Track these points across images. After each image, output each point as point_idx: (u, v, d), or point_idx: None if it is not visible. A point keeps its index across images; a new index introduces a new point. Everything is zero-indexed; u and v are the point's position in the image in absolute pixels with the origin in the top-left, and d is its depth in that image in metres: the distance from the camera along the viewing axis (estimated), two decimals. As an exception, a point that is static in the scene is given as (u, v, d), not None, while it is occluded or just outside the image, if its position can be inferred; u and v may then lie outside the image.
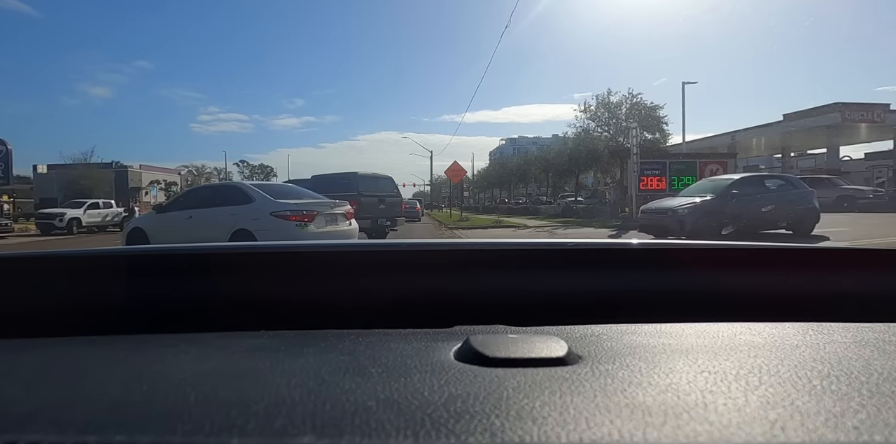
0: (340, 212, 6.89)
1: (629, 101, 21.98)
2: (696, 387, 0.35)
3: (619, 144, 21.63)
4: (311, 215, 6.28)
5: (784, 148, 28.57)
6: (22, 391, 0.36)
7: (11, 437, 0.27)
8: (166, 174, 47.31)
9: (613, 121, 22.20)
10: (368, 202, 10.58)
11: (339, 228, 6.71)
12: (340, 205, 6.97)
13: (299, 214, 6.17)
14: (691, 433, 0.28)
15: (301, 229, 6.05)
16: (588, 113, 22.70)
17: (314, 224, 6.23)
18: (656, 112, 21.60)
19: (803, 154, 32.48)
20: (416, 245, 0.71)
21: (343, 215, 6.95)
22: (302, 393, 0.33)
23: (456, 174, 20.90)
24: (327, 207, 6.65)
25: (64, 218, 17.50)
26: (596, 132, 23.05)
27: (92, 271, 0.62)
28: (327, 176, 11.96)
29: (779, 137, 24.98)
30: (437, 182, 50.38)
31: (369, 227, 10.19)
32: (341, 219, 6.88)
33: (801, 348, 0.45)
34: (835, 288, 0.64)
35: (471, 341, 0.43)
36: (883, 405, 0.32)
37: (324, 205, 6.65)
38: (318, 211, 6.41)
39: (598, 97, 22.34)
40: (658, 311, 0.59)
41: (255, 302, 0.59)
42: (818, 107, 22.98)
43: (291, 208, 6.20)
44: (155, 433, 0.28)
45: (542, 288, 0.62)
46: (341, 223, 6.83)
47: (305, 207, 6.34)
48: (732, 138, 27.69)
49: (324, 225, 6.42)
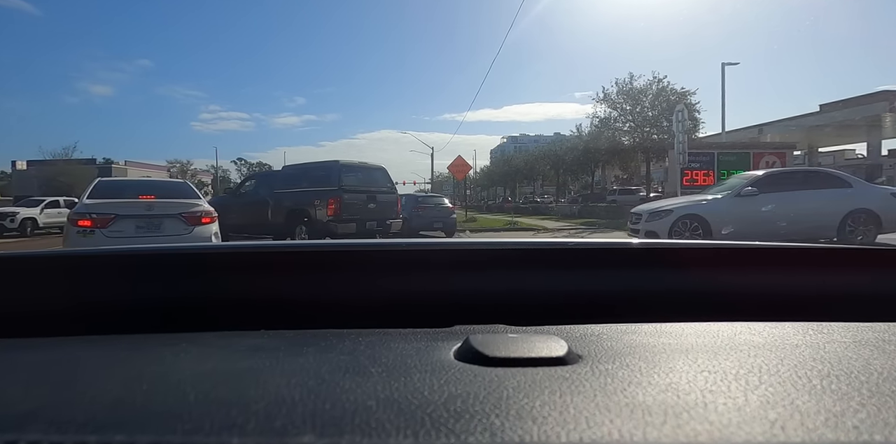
0: (171, 213, 5.36)
1: (655, 85, 19.49)
2: (695, 387, 0.35)
3: (646, 136, 19.29)
4: (105, 220, 4.99)
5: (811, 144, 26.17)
6: (22, 391, 0.36)
7: (11, 437, 0.27)
8: (153, 171, 46.98)
9: (637, 110, 19.74)
10: (352, 200, 8.17)
11: (161, 235, 5.24)
12: (171, 206, 5.43)
13: (86, 218, 4.99)
14: (691, 433, 0.28)
15: (83, 237, 4.91)
16: (607, 101, 20.31)
17: (108, 231, 4.99)
18: (687, 98, 18.65)
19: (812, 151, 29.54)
20: (416, 244, 0.69)
21: (177, 219, 5.37)
22: (302, 393, 0.34)
23: (460, 170, 18.72)
24: (138, 208, 5.21)
25: (16, 218, 15.83)
26: (617, 123, 20.59)
27: (92, 270, 0.61)
28: (301, 166, 9.42)
29: (807, 130, 22.51)
30: (438, 180, 48.40)
31: (354, 232, 7.78)
32: (171, 224, 5.33)
33: (801, 348, 0.45)
34: (835, 288, 0.63)
35: (471, 341, 0.43)
36: (883, 405, 0.32)
37: (131, 206, 5.22)
38: (114, 214, 5.07)
39: (619, 83, 19.93)
40: (658, 310, 0.59)
41: (255, 302, 0.59)
42: (862, 95, 20.66)
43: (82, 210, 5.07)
44: (155, 433, 0.28)
45: (542, 288, 0.62)
46: (170, 229, 5.31)
47: (98, 209, 5.07)
48: (760, 131, 25.28)
49: (132, 233, 5.10)
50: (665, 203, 7.98)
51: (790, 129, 23.43)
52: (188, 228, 5.35)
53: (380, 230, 8.42)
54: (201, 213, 5.51)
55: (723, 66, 18.12)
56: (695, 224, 7.10)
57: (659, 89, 19.32)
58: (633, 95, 19.69)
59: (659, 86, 19.36)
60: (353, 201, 8.13)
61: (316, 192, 8.19)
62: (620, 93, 20.00)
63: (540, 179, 38.54)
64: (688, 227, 7.12)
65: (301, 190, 8.47)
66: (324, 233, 7.76)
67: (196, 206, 5.53)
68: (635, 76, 19.77)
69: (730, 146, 15.14)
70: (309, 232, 8.00)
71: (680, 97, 18.89)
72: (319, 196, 8.07)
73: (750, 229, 6.53)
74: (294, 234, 8.12)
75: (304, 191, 8.41)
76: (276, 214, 8.69)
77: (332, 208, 7.88)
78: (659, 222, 7.29)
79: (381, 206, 8.64)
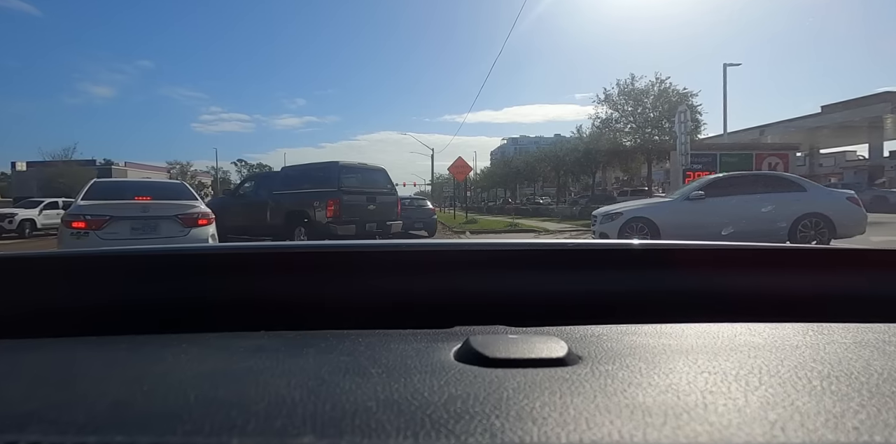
0: (167, 215, 5.21)
1: (657, 86, 19.41)
2: (696, 388, 0.35)
3: (647, 137, 19.16)
4: (99, 222, 4.88)
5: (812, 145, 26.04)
6: (22, 391, 0.36)
7: (11, 437, 0.27)
8: (153, 172, 47.03)
9: (639, 111, 19.62)
10: (352, 201, 8.08)
11: (157, 237, 5.11)
12: (167, 208, 5.27)
13: (80, 219, 4.88)
14: (691, 434, 0.28)
15: (77, 239, 4.79)
16: (608, 102, 20.20)
17: (102, 233, 4.89)
18: (688, 100, 18.65)
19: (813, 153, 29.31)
20: (417, 245, 0.69)
21: (173, 221, 5.22)
22: (302, 393, 0.34)
23: (461, 171, 18.70)
24: (133, 210, 5.09)
25: (14, 219, 15.69)
26: (619, 124, 20.45)
27: (92, 271, 0.61)
28: (300, 167, 9.33)
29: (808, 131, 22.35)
30: (439, 181, 48.32)
31: (353, 233, 7.69)
32: (167, 226, 5.19)
33: (801, 349, 0.45)
34: (835, 288, 0.63)
35: (471, 342, 0.43)
36: (883, 406, 0.32)
37: (126, 207, 5.08)
38: (109, 216, 4.94)
39: (621, 83, 19.83)
40: (658, 311, 0.59)
41: (255, 303, 0.59)
42: (863, 97, 20.56)
43: (76, 212, 4.94)
44: (155, 433, 0.28)
45: (541, 288, 0.62)
46: (166, 231, 5.16)
47: (93, 210, 4.96)
48: (761, 133, 25.16)
49: (127, 235, 4.99)
50: (618, 206, 8.05)
51: (791, 130, 23.33)
52: (184, 229, 5.20)
53: (379, 232, 8.32)
54: (198, 214, 5.35)
55: (724, 66, 17.99)
56: (642, 226, 7.12)
57: (661, 90, 19.20)
58: (635, 95, 19.59)
59: (661, 87, 19.25)
60: (353, 203, 8.04)
61: (315, 193, 8.09)
62: (622, 94, 19.89)
63: (540, 180, 38.40)
64: (635, 229, 7.14)
65: (300, 191, 8.36)
66: (323, 235, 7.65)
67: (192, 207, 5.38)
68: (637, 77, 19.68)
69: (732, 148, 15.04)
70: (308, 234, 7.88)
71: (682, 98, 18.90)
72: (319, 197, 7.97)
73: (694, 233, 6.47)
74: (293, 235, 7.99)
75: (303, 192, 8.30)
76: (274, 215, 8.60)
77: (332, 210, 7.79)
78: (610, 224, 7.35)
79: (381, 207, 8.55)
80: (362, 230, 8.01)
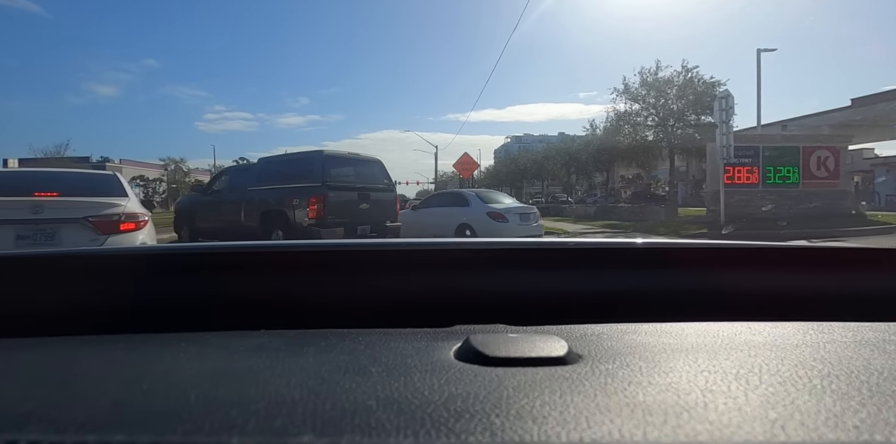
0: (72, 217, 3.72)
1: (682, 76, 17.44)
2: (696, 386, 0.35)
3: (671, 130, 17.63)
4: None
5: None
6: (21, 390, 0.36)
7: (11, 437, 0.27)
8: (149, 169, 46.07)
9: (660, 102, 18.04)
10: (340, 199, 6.59)
11: (56, 248, 3.41)
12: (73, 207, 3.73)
13: None
14: (691, 433, 0.28)
15: None
16: (628, 94, 18.60)
17: None
18: (715, 89, 16.51)
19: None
20: (416, 244, 0.69)
21: (80, 225, 3.72)
22: (302, 392, 0.34)
23: (466, 168, 17.23)
24: (20, 211, 3.61)
25: None
26: (639, 117, 18.83)
27: (91, 271, 0.61)
28: (279, 158, 7.80)
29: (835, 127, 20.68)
30: (442, 180, 46.97)
31: (342, 237, 6.24)
32: (71, 233, 3.70)
33: (802, 348, 0.44)
34: (835, 288, 0.63)
35: (471, 341, 0.43)
36: (883, 405, 0.32)
37: (9, 207, 3.61)
38: None
39: (643, 73, 18.13)
40: (658, 310, 0.58)
41: (255, 302, 0.59)
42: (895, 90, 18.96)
43: None
44: (155, 433, 0.28)
45: (542, 287, 0.62)
46: (69, 240, 3.67)
47: None
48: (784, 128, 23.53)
49: (10, 246, 3.56)
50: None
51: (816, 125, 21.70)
52: (97, 237, 3.72)
53: (374, 236, 6.78)
54: (119, 216, 3.86)
55: (758, 52, 15.96)
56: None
57: (686, 80, 17.61)
58: (658, 86, 17.98)
59: (687, 76, 17.63)
60: (341, 201, 6.58)
61: (295, 189, 6.64)
62: (644, 84, 18.31)
63: (548, 178, 37.02)
64: None
65: (278, 187, 6.93)
66: (305, 239, 6.22)
67: (112, 207, 3.87)
68: (661, 66, 18.07)
69: (776, 140, 13.20)
70: (287, 238, 6.36)
71: (708, 88, 17.22)
72: (299, 194, 6.53)
73: (415, 234, 8.25)
74: (270, 240, 6.56)
75: (281, 188, 6.88)
76: (249, 216, 7.17)
77: (315, 209, 6.34)
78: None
79: (376, 206, 7.03)
80: (352, 234, 6.55)
